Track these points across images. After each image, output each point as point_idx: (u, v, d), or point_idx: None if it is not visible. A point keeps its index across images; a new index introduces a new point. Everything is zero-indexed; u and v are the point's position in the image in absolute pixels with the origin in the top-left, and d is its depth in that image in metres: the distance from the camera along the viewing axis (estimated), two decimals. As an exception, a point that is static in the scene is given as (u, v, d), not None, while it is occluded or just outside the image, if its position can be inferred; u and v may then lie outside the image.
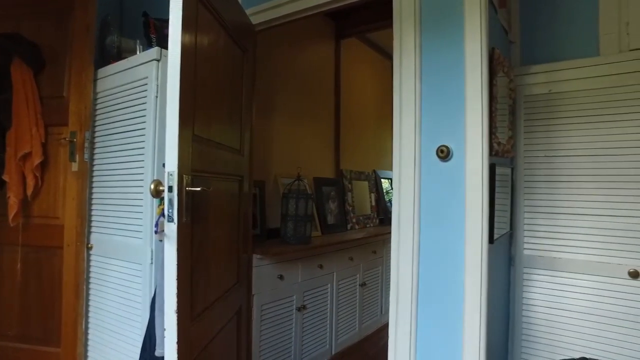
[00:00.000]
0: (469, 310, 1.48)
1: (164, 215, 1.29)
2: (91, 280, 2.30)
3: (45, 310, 2.30)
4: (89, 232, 2.32)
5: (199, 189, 1.36)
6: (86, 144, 2.27)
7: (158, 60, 1.97)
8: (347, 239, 2.97)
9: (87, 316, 2.30)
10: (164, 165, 1.28)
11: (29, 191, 2.25)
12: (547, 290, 2.00)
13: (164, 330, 1.24)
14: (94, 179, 2.31)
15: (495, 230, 1.59)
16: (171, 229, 1.27)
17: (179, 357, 1.24)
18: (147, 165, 1.99)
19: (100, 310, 2.25)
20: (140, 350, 1.84)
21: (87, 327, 2.30)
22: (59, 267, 2.28)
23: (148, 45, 2.18)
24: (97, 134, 2.30)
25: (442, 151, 1.46)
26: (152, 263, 1.93)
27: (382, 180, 4.03)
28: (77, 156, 2.26)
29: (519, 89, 2.06)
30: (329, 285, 2.84)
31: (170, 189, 1.27)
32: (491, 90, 1.51)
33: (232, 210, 1.91)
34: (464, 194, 1.44)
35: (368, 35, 3.98)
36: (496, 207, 1.61)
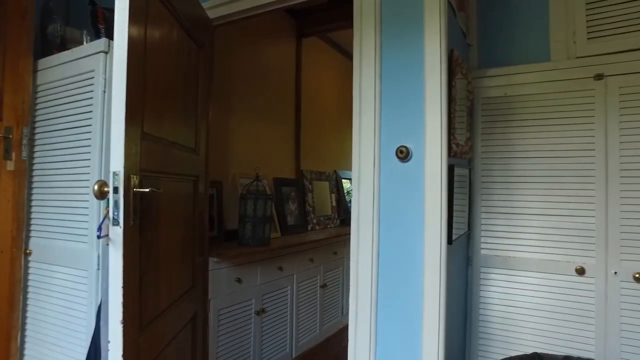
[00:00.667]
0: (428, 310, 1.49)
1: (108, 218, 1.19)
2: (29, 289, 2.12)
3: (-25, 324, 2.11)
4: (28, 237, 2.14)
5: (148, 190, 1.27)
6: (24, 141, 2.09)
7: (106, 53, 1.85)
8: (308, 240, 2.93)
9: (23, 329, 2.12)
10: (112, 165, 1.19)
11: (-43, 192, 2.05)
12: (502, 288, 2.05)
13: (109, 342, 1.15)
14: (34, 179, 2.14)
15: (454, 230, 1.61)
16: (116, 233, 1.18)
17: (125, 371, 1.16)
18: (94, 164, 1.86)
19: (39, 322, 2.08)
20: (84, 363, 1.71)
21: (23, 341, 2.12)
22: (-9, 276, 2.09)
23: (96, 36, 2.05)
24: (37, 130, 2.13)
25: (401, 152, 1.45)
26: (98, 269, 1.81)
27: (343, 180, 4.03)
28: (14, 154, 2.08)
29: (477, 91, 2.10)
30: (289, 287, 2.79)
31: (116, 190, 1.18)
32: (450, 91, 1.52)
33: (186, 211, 1.82)
34: (423, 195, 1.44)
35: (329, 35, 3.97)
36: (455, 207, 1.62)
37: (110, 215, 1.19)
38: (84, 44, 2.05)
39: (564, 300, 1.94)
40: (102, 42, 1.86)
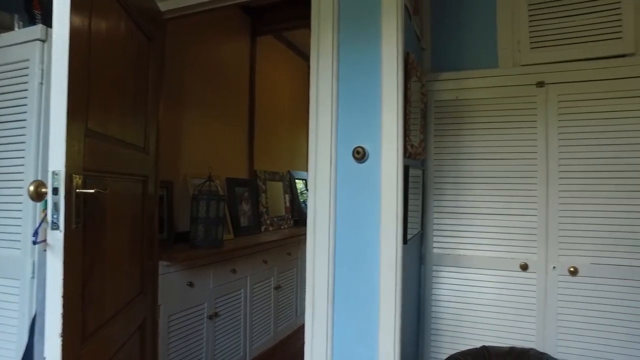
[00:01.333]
0: (384, 309, 1.50)
1: (46, 222, 1.10)
2: (-47, 300, 1.92)
3: None
4: (-49, 243, 1.93)
5: (93, 191, 1.18)
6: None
7: (43, 41, 1.70)
8: (261, 242, 2.88)
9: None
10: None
11: None
12: (453, 285, 2.13)
13: (44, 358, 1.05)
14: (-42, 178, 1.93)
15: (409, 230, 1.64)
16: (56, 238, 1.08)
17: (65, 387, 1.07)
18: (29, 163, 1.71)
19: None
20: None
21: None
22: None
23: (30, 22, 1.88)
24: (-38, 124, 1.92)
25: (358, 152, 1.45)
26: (33, 277, 1.66)
27: (296, 181, 4.01)
28: None
29: (430, 94, 2.16)
30: (243, 290, 2.73)
31: (56, 191, 1.08)
32: (406, 93, 1.55)
33: (134, 213, 1.72)
34: (380, 196, 1.45)
35: (285, 35, 3.94)
36: (409, 208, 1.65)
37: (49, 218, 1.09)
38: (15, 29, 1.88)
39: (509, 295, 2.04)
40: (37, 29, 1.72)
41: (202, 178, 2.59)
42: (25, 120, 1.72)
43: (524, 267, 2.01)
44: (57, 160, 1.09)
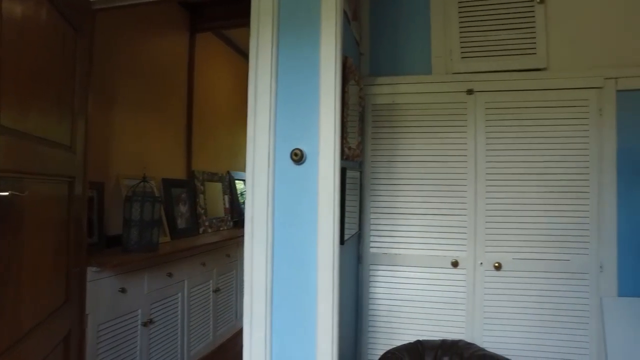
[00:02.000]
0: (322, 309, 1.52)
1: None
2: None
3: None
4: None
5: (7, 194, 1.09)
6: None
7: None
8: (199, 244, 2.81)
9: None
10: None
11: None
12: (389, 283, 2.21)
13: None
14: None
15: (346, 231, 1.67)
16: (-38, 245, 0.98)
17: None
18: None
19: None
20: None
21: None
22: None
23: None
24: None
25: (296, 154, 1.46)
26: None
27: (236, 181, 3.94)
28: None
29: (368, 97, 2.22)
30: (180, 294, 2.64)
31: (-38, 193, 0.99)
32: (343, 96, 1.58)
33: (59, 217, 1.61)
34: (317, 197, 1.47)
35: (225, 32, 3.86)
36: (347, 209, 1.69)
37: (-46, 223, 0.99)
38: None
39: (441, 290, 2.15)
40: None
41: (136, 179, 2.47)
42: None
43: (455, 264, 2.13)
44: (-37, 160, 0.99)
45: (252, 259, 1.58)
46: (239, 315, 3.42)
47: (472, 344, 2.01)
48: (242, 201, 3.92)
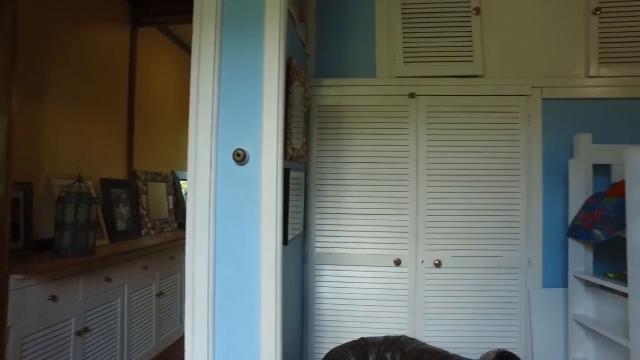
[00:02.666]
0: (265, 310, 1.51)
1: None
2: None
3: None
4: None
5: None
6: None
7: None
8: (141, 246, 2.70)
9: None
10: None
11: None
12: (334, 283, 2.24)
13: None
14: None
15: (290, 231, 1.68)
16: None
17: None
18: None
19: None
20: None
21: None
22: None
23: None
24: None
25: (238, 155, 1.44)
26: None
27: (181, 181, 3.83)
28: None
29: (313, 98, 2.24)
30: (119, 299, 2.52)
31: None
32: (287, 97, 1.58)
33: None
34: (260, 198, 1.46)
35: (170, 28, 3.74)
36: (291, 209, 1.70)
37: None
38: None
39: (384, 288, 2.21)
40: None
41: (70, 179, 2.33)
42: None
43: (397, 262, 2.20)
44: None
45: (193, 261, 1.54)
46: (184, 319, 3.32)
47: (413, 339, 2.08)
48: (188, 202, 3.80)
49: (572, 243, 2.05)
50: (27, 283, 1.85)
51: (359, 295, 2.21)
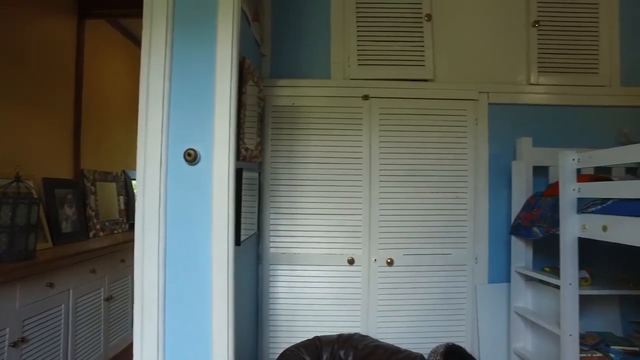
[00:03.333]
0: (217, 311, 1.50)
1: None
2: None
3: None
4: None
5: None
6: None
7: None
8: (88, 249, 2.58)
9: None
10: None
11: None
12: (289, 282, 2.24)
13: None
14: None
15: (243, 232, 1.67)
16: None
17: None
18: None
19: None
20: None
21: None
22: None
23: None
24: None
25: (189, 154, 1.42)
26: None
27: (133, 181, 3.69)
28: None
29: (268, 99, 2.24)
30: (63, 305, 2.39)
31: None
32: (240, 97, 1.57)
33: None
34: (211, 198, 1.44)
35: (122, 22, 3.59)
36: (244, 210, 1.69)
37: None
38: None
39: (338, 287, 2.25)
40: None
41: (7, 178, 2.19)
42: None
43: (351, 262, 2.24)
44: None
45: (142, 263, 1.50)
46: (135, 324, 3.20)
47: (366, 336, 2.13)
48: (140, 202, 3.67)
49: (514, 240, 2.17)
50: (-45, 291, 1.72)
51: (313, 295, 2.23)
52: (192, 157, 1.42)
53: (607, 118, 2.34)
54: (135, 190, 3.67)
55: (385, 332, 2.22)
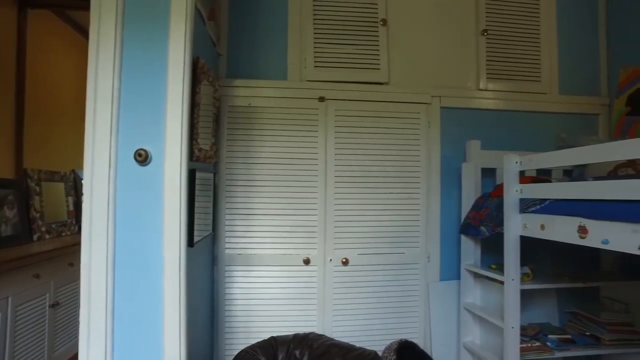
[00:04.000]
0: (168, 314, 1.47)
1: None
2: None
3: None
4: None
5: None
6: None
7: None
8: (31, 253, 2.44)
9: None
10: None
11: None
12: (245, 284, 2.23)
13: None
14: None
15: (197, 232, 1.64)
16: None
17: None
18: None
19: None
20: None
21: None
22: None
23: None
24: None
25: (140, 155, 1.38)
26: None
27: (83, 181, 3.53)
28: None
29: (224, 99, 2.21)
30: (1, 314, 2.25)
31: None
32: (193, 97, 1.55)
33: None
34: (163, 199, 1.41)
35: (71, 14, 3.42)
36: (198, 210, 1.66)
37: None
38: None
39: (294, 287, 2.26)
40: None
41: (-61, 178, 2.04)
42: None
43: (307, 262, 2.26)
44: None
45: (89, 266, 1.44)
46: (83, 331, 3.06)
47: (322, 335, 2.16)
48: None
49: (463, 239, 2.27)
50: None
51: (269, 295, 2.23)
52: (142, 158, 1.39)
53: (547, 123, 2.49)
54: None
55: (341, 330, 2.26)
